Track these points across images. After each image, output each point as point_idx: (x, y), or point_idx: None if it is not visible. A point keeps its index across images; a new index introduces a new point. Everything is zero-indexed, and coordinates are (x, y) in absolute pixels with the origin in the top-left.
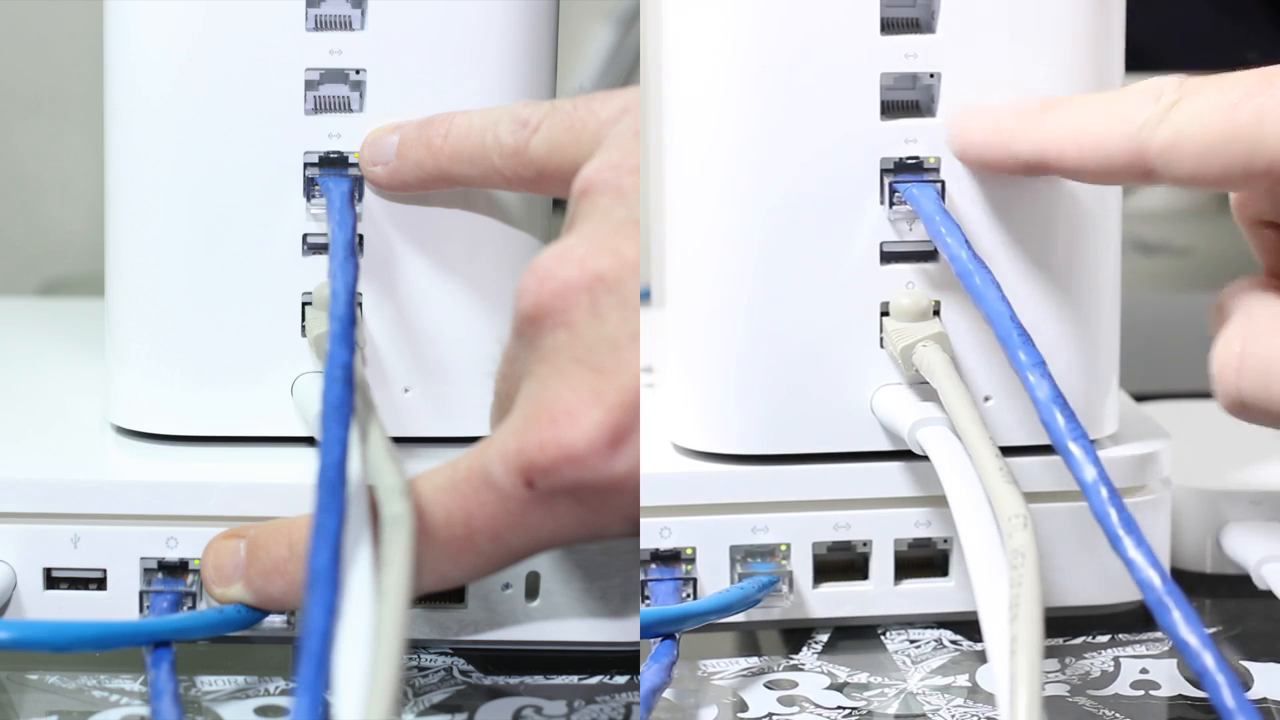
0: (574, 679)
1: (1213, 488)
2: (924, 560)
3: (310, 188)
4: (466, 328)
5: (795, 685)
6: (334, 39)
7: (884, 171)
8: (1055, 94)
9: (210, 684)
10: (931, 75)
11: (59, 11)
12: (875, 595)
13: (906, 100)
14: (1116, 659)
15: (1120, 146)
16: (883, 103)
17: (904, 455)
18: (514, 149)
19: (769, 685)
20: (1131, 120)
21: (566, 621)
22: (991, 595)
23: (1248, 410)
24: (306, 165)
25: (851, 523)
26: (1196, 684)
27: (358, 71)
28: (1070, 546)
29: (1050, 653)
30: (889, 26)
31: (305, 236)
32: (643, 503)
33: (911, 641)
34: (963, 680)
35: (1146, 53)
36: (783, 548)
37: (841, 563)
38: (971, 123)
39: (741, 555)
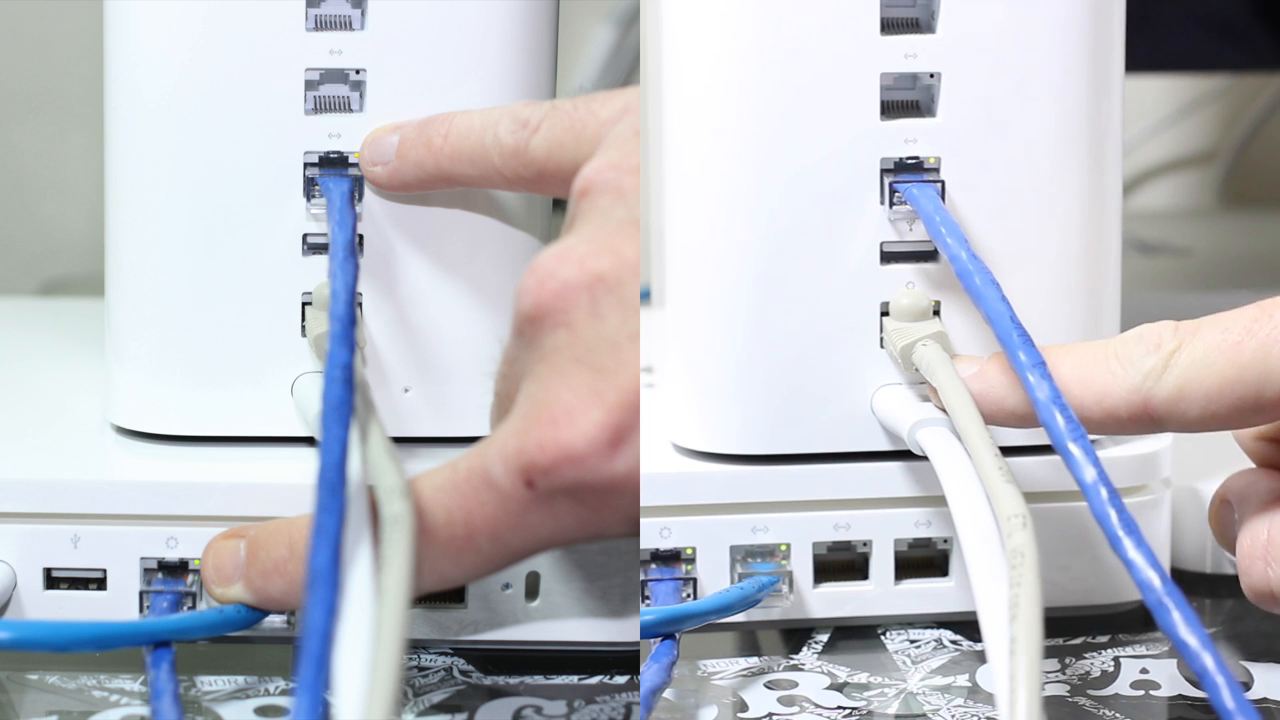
0: (574, 679)
1: (1213, 488)
2: (924, 560)
3: (310, 188)
4: (466, 328)
5: (795, 685)
6: (334, 39)
7: (884, 171)
8: (1056, 94)
9: (210, 684)
10: (931, 75)
11: (59, 11)
12: (875, 595)
13: (906, 100)
14: (1116, 659)
15: (1124, 398)
16: (883, 103)
17: (904, 455)
18: (514, 149)
19: (769, 685)
20: (1133, 371)
21: (566, 621)
22: (991, 595)
23: (1278, 600)
24: (306, 165)
25: (851, 523)
26: (1196, 684)
27: (358, 71)
28: (1070, 546)
29: (1050, 653)
30: (889, 26)
31: (305, 236)
32: (643, 503)
33: (911, 641)
34: (963, 680)
35: (1146, 54)
36: (783, 548)
37: (841, 563)
38: (975, 382)
39: (741, 555)
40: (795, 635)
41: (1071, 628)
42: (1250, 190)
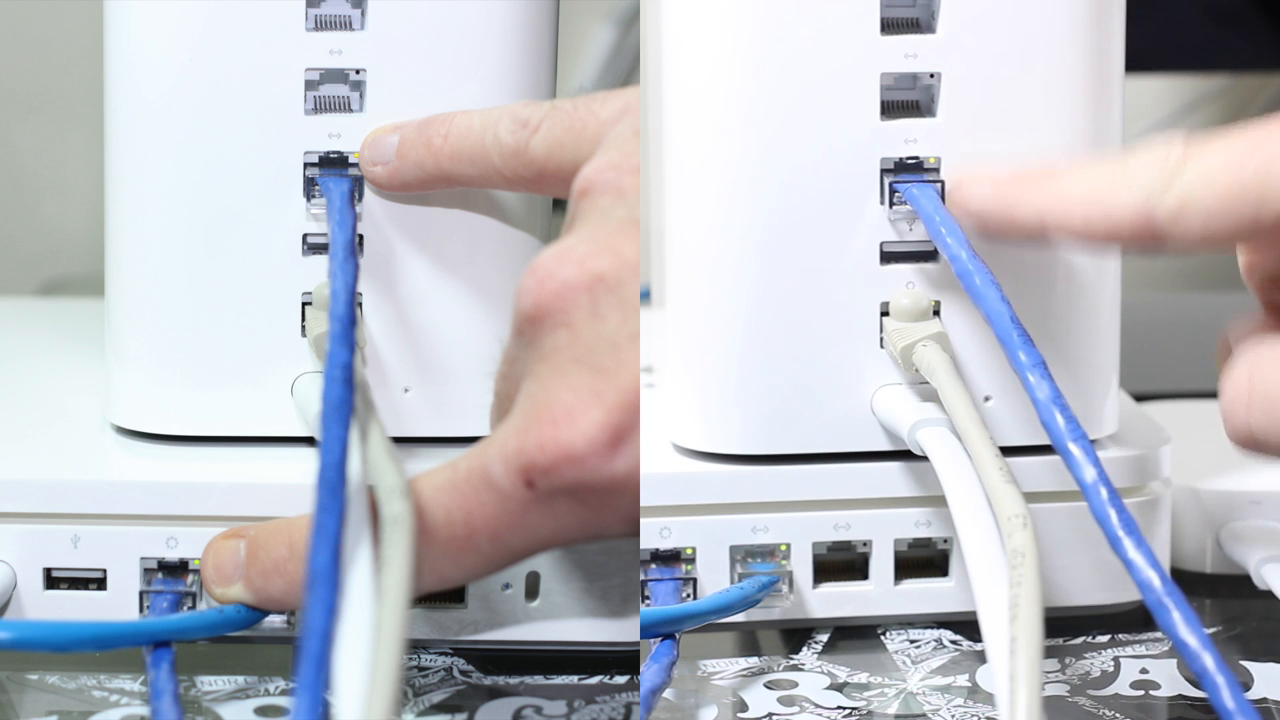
0: (574, 679)
1: (1213, 488)
2: (924, 560)
3: (310, 188)
4: (466, 328)
5: (795, 685)
6: (334, 39)
7: (884, 171)
8: (1057, 94)
9: (210, 684)
10: (931, 75)
11: (59, 11)
12: (875, 595)
13: (906, 100)
14: (1116, 659)
15: (1129, 213)
16: (883, 103)
17: (904, 455)
18: (514, 149)
19: (769, 685)
20: (1139, 186)
21: (566, 621)
22: (991, 595)
23: (1258, 444)
24: (306, 165)
25: (851, 523)
26: (1196, 684)
27: (358, 71)
28: (1070, 546)
29: (1050, 653)
30: (889, 26)
31: (305, 236)
32: (643, 503)
33: (911, 641)
34: (963, 680)
35: (1146, 55)
36: (783, 548)
37: (841, 563)
38: (971, 188)
39: (741, 555)
40: (795, 635)
41: (1071, 628)
42: None
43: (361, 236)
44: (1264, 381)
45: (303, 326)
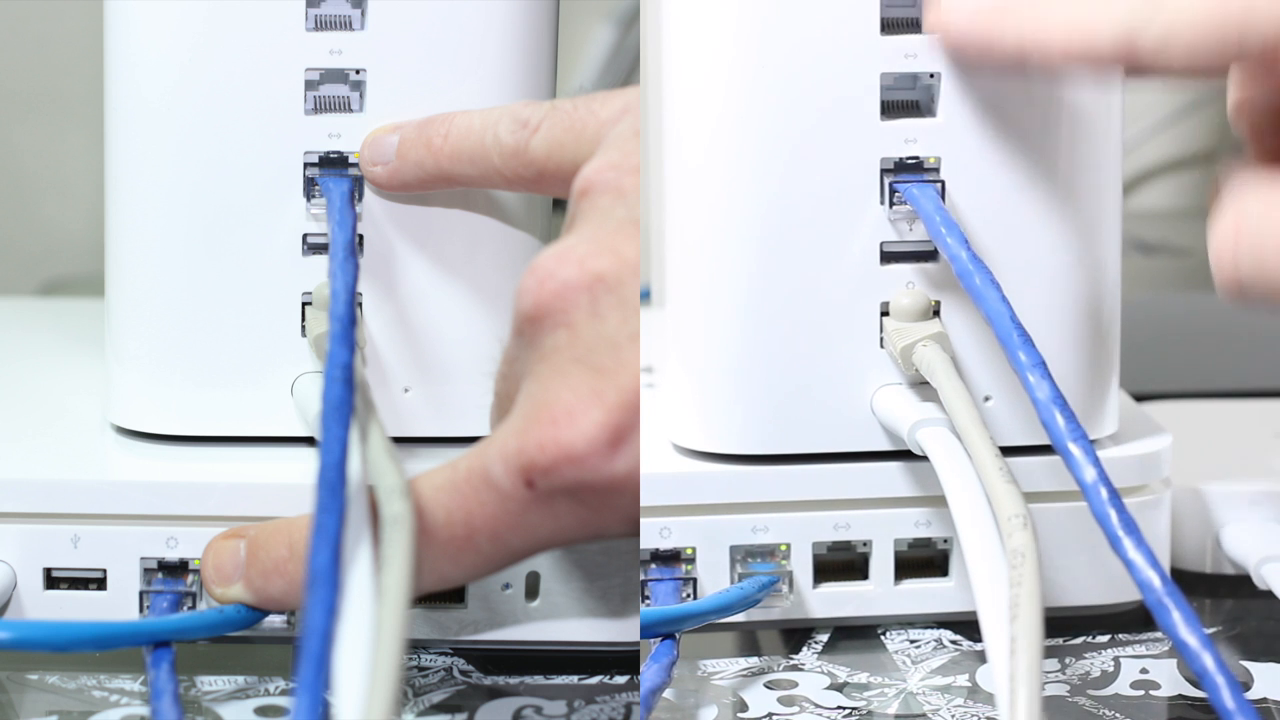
0: (574, 679)
1: (1213, 488)
2: (924, 560)
3: (310, 188)
4: (466, 328)
5: (795, 685)
6: (334, 39)
7: (884, 171)
8: (1056, 94)
9: (210, 684)
10: (931, 75)
11: (59, 11)
12: (875, 595)
13: (906, 100)
14: (1116, 659)
15: (1110, 37)
16: (883, 103)
17: (904, 455)
18: (514, 149)
19: (769, 685)
20: (1123, 13)
21: (566, 621)
22: (991, 595)
23: (1246, 293)
24: (306, 165)
25: (851, 523)
26: (1196, 684)
27: (358, 71)
28: (1070, 546)
29: (1050, 653)
30: (889, 26)
31: (305, 236)
32: (643, 503)
33: (911, 641)
34: (963, 680)
35: None
36: (783, 548)
37: (841, 563)
38: (950, 13)
39: (741, 555)
40: (795, 635)
41: (1071, 628)
42: None
43: (361, 236)
44: (1250, 227)
45: (303, 326)
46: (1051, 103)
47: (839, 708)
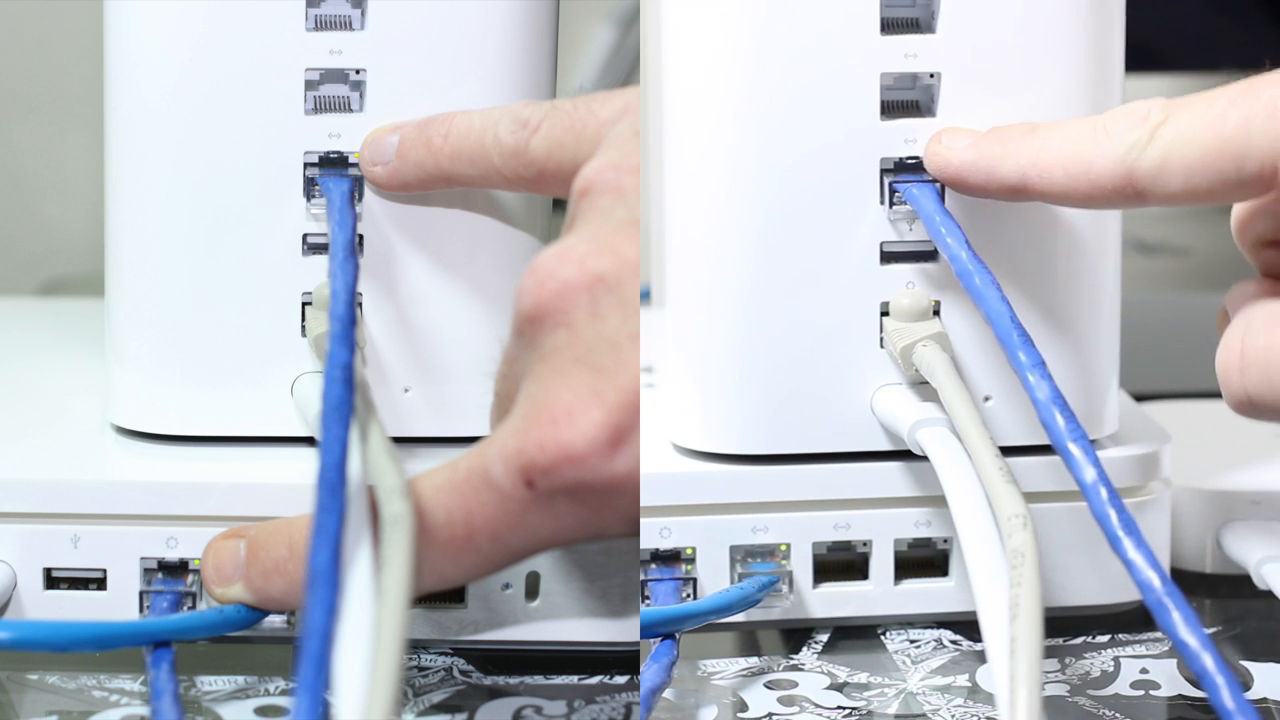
0: (574, 679)
1: (1213, 488)
2: (924, 560)
3: (310, 188)
4: (466, 328)
5: (795, 685)
6: (334, 39)
7: (884, 171)
8: (1056, 94)
9: (210, 684)
10: (931, 75)
11: (59, 11)
12: (875, 595)
13: (906, 100)
14: (1116, 659)
15: (1109, 169)
16: (883, 103)
17: (904, 455)
18: (514, 149)
19: (769, 685)
20: (1119, 143)
21: (566, 621)
22: (991, 595)
23: (1256, 407)
24: (306, 165)
25: (851, 523)
26: (1196, 684)
27: (358, 71)
28: (1070, 546)
29: (1050, 653)
30: (889, 26)
31: (305, 236)
32: (643, 503)
33: (911, 641)
34: (963, 680)
35: (1146, 53)
36: (783, 548)
37: (841, 563)
38: (951, 145)
39: (741, 555)
40: (795, 635)
41: (1071, 628)
42: None
43: (361, 236)
44: (1256, 344)
45: (303, 326)
46: (1051, 103)
47: (839, 708)
